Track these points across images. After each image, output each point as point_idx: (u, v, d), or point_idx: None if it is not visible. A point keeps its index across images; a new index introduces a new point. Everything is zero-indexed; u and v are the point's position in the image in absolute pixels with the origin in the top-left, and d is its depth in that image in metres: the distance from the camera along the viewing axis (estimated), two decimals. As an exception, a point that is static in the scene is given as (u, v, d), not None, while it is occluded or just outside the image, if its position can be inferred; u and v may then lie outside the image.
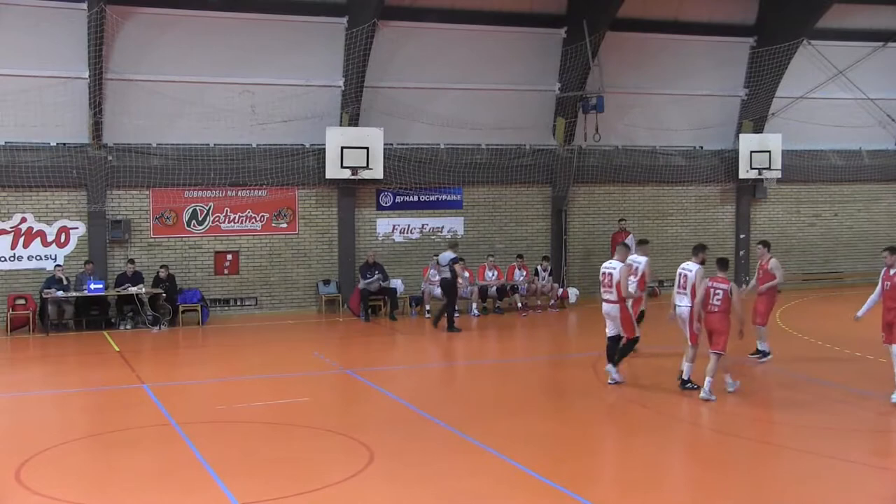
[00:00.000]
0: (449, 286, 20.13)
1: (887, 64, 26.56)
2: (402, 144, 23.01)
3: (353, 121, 22.07)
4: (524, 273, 22.73)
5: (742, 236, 26.31)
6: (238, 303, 22.29)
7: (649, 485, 9.86)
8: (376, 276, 21.70)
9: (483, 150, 23.83)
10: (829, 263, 27.03)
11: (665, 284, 25.12)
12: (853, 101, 26.45)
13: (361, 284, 21.65)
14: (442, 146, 23.47)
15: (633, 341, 14.54)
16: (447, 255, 20.15)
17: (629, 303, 14.50)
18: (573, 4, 23.30)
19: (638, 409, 13.19)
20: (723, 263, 13.82)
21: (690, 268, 13.91)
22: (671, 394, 13.93)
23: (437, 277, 21.32)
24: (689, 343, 13.83)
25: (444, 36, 22.74)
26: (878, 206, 27.84)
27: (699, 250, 14.12)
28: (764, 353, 15.94)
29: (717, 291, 13.45)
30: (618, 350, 14.39)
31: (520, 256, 22.90)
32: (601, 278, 14.36)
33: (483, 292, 22.28)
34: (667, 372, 14.95)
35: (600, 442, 11.53)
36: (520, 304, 22.41)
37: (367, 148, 21.82)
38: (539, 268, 23.01)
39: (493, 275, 22.50)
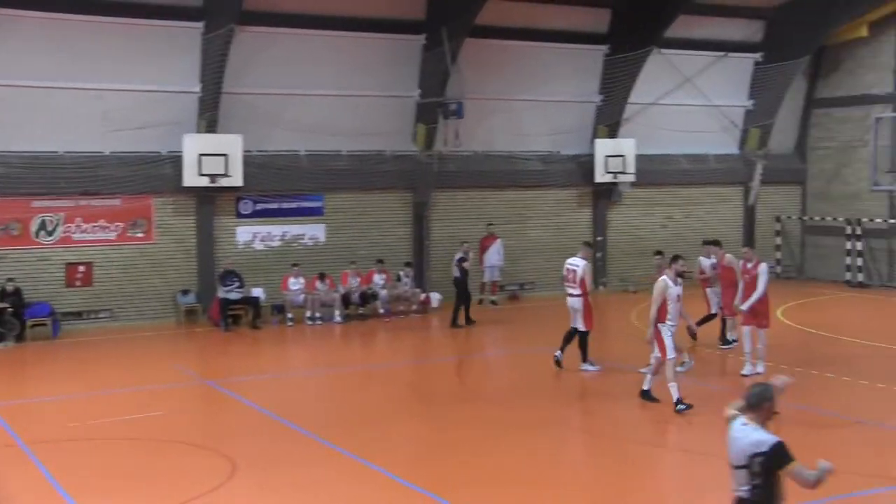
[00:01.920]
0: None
1: (730, 73, 27.80)
2: (262, 151, 22.65)
3: (211, 127, 21.59)
4: (384, 276, 22.69)
5: (600, 238, 27.01)
6: (92, 315, 21.43)
7: (515, 484, 9.99)
8: (235, 284, 21.33)
9: (344, 156, 23.70)
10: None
11: (525, 287, 25.60)
12: (700, 107, 27.56)
13: (221, 293, 21.22)
14: (302, 152, 23.23)
15: (586, 334, 15.36)
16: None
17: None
18: (432, 11, 23.46)
19: (499, 410, 13.34)
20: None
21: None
22: (538, 396, 14.20)
23: (298, 287, 21.54)
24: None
25: (304, 42, 22.51)
26: (726, 206, 29.01)
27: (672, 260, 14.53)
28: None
29: None
30: (577, 346, 15.28)
31: (380, 261, 22.84)
32: (564, 273, 15.50)
33: (346, 299, 22.18)
34: (534, 372, 15.26)
35: (463, 445, 11.62)
36: (382, 310, 22.40)
37: (226, 155, 21.38)
38: (402, 273, 23.06)
39: (356, 282, 22.42)
